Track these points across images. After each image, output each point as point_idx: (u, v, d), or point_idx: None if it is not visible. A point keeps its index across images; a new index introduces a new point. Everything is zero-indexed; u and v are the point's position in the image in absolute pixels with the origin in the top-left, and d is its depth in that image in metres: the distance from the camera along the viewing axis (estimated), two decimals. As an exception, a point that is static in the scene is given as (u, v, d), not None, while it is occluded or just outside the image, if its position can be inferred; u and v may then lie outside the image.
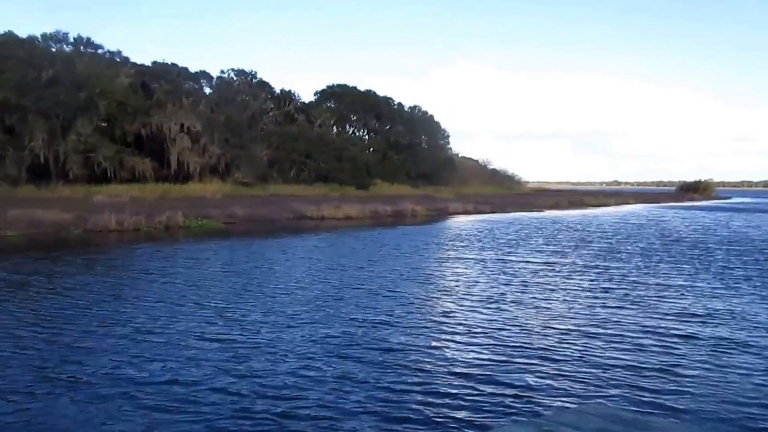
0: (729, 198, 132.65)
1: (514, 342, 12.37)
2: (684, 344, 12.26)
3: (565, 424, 4.19)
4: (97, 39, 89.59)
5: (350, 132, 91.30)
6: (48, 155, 58.88)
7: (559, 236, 36.28)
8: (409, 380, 10.09)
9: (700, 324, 13.95)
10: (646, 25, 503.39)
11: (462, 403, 9.19)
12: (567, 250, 28.60)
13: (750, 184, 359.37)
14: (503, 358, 11.29)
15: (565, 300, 16.67)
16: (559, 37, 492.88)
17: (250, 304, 15.60)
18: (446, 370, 10.65)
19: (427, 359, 11.21)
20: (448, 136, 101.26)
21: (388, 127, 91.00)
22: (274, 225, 43.71)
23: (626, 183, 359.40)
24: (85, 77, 60.02)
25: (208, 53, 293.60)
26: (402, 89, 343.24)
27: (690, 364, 10.96)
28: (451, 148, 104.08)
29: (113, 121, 63.02)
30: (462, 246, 30.30)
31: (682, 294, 17.64)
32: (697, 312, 15.18)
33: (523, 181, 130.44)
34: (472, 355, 11.53)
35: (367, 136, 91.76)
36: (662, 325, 13.75)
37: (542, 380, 10.13)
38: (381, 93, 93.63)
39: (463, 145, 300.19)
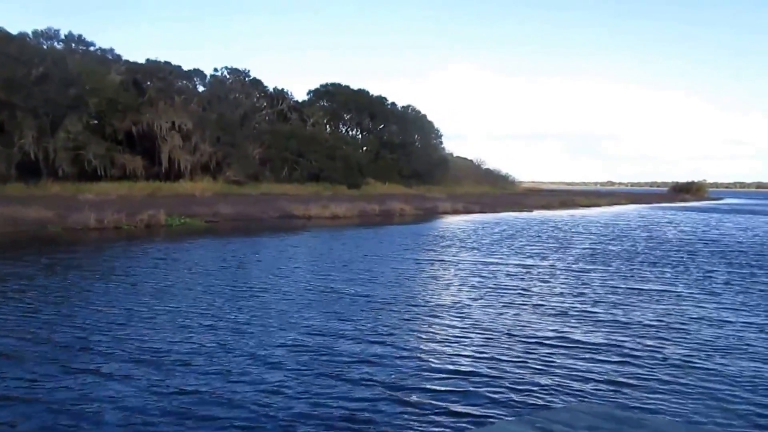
0: (720, 199, 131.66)
1: (474, 350, 11.41)
2: (655, 352, 11.32)
3: (558, 422, 4.06)
4: (89, 37, 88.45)
5: (344, 131, 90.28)
6: (38, 153, 57.97)
7: (544, 237, 35.31)
8: (364, 393, 9.12)
9: (669, 331, 13.00)
10: (641, 29, 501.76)
11: (427, 411, 8.24)
12: (548, 252, 27.62)
13: (743, 185, 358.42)
14: (461, 368, 10.34)
15: (535, 305, 15.69)
16: (555, 41, 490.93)
17: (199, 310, 14.61)
18: (398, 381, 9.69)
19: (380, 369, 10.24)
20: (441, 136, 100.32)
21: (381, 127, 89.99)
22: (259, 224, 42.74)
23: (620, 184, 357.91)
24: (75, 74, 59.01)
25: (206, 54, 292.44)
26: (398, 91, 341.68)
27: (666, 370, 10.02)
28: (444, 148, 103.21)
29: (104, 118, 62.08)
30: (442, 247, 29.32)
31: (658, 300, 16.67)
32: (670, 319, 14.22)
33: (517, 182, 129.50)
34: (429, 364, 10.57)
35: (360, 136, 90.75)
36: (632, 332, 12.81)
37: (503, 387, 9.18)
38: (388, 96, 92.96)
39: (458, 145, 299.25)
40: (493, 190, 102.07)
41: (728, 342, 12.41)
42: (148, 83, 71.73)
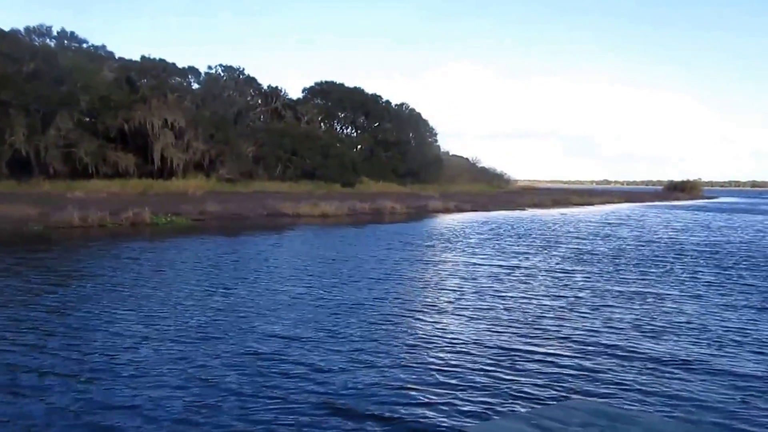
0: (715, 198, 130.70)
1: (451, 355, 10.59)
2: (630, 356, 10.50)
3: (551, 419, 4.04)
4: (83, 34, 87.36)
5: (339, 129, 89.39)
6: (29, 150, 57.12)
7: (531, 237, 34.45)
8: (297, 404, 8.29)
9: (645, 338, 12.16)
10: (636, 30, 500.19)
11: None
12: (531, 252, 26.77)
13: (738, 183, 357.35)
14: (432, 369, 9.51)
15: (510, 308, 14.86)
16: (552, 40, 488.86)
17: (152, 312, 13.79)
18: (334, 399, 8.86)
19: (316, 384, 9.41)
20: (436, 134, 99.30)
21: (376, 125, 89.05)
22: (246, 222, 41.92)
23: (617, 182, 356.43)
24: (66, 71, 58.11)
25: (202, 52, 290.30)
26: (395, 89, 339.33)
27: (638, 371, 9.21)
28: (439, 146, 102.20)
29: (96, 116, 61.20)
30: (425, 247, 28.47)
31: (641, 303, 15.83)
32: (652, 323, 13.39)
33: (512, 180, 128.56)
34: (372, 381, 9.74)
35: (355, 134, 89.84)
36: (605, 339, 11.98)
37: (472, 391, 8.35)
38: (383, 94, 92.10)
39: (455, 143, 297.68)
40: (488, 189, 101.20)
41: (706, 344, 11.59)
42: (143, 80, 70.91)
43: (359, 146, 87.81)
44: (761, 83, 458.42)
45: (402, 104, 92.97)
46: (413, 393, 9.20)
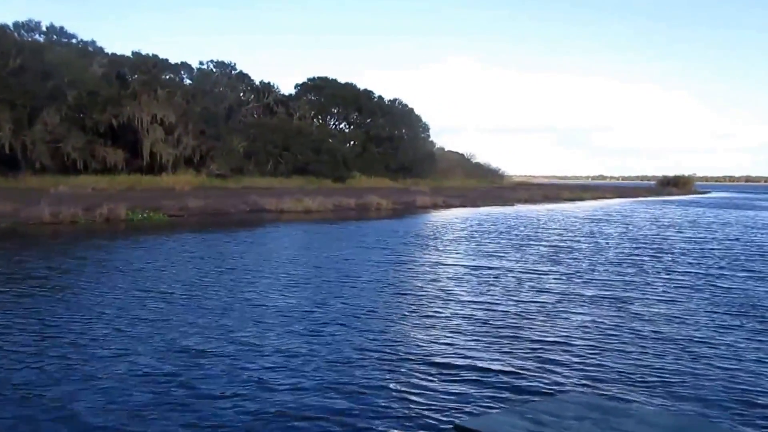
0: (707, 192, 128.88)
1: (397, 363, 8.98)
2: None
3: (546, 413, 4.23)
4: (74, 29, 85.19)
5: (332, 125, 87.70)
6: (15, 145, 55.57)
7: (512, 234, 32.78)
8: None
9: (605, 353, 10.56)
10: (630, 25, 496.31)
11: None
12: (508, 251, 25.11)
13: (732, 179, 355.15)
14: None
15: (463, 314, 13.23)
16: (547, 35, 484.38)
17: (57, 322, 12.18)
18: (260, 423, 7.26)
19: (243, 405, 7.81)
20: (428, 130, 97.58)
21: (368, 121, 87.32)
22: (226, 218, 40.39)
23: (611, 177, 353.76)
24: (54, 66, 56.48)
25: (195, 47, 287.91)
26: (391, 84, 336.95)
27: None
28: (432, 142, 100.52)
29: (84, 111, 59.61)
30: (399, 244, 26.83)
31: (606, 307, 14.21)
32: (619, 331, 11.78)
33: (506, 175, 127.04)
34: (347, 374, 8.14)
35: (347, 129, 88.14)
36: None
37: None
38: (374, 89, 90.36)
39: (451, 139, 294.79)
40: (482, 184, 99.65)
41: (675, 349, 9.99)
42: (135, 76, 69.24)
43: (352, 142, 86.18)
44: (756, 79, 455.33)
45: (395, 100, 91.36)
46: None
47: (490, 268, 20.20)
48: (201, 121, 67.80)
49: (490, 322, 12.82)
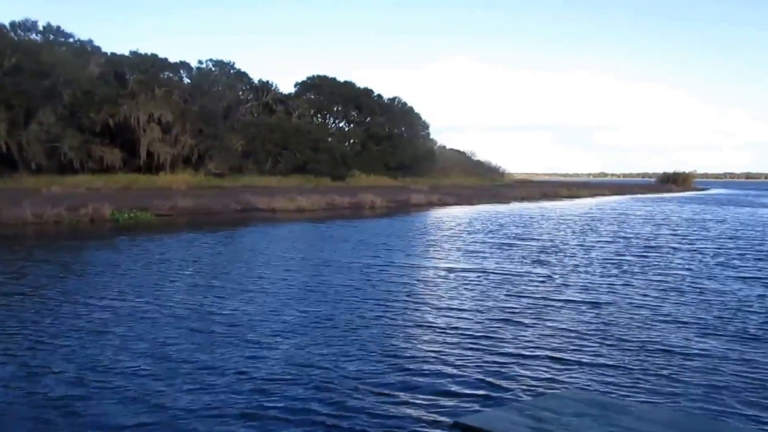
0: (706, 189, 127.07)
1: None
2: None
3: (546, 409, 4.23)
4: (74, 29, 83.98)
5: (331, 123, 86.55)
6: (11, 145, 54.61)
7: (500, 233, 31.51)
8: None
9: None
10: (630, 23, 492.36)
11: None
12: (491, 252, 23.86)
13: (732, 175, 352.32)
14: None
15: (422, 322, 12.03)
16: (547, 34, 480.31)
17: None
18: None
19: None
20: (428, 128, 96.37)
21: (367, 119, 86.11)
22: (216, 218, 39.24)
23: (613, 175, 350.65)
24: (49, 66, 55.44)
25: (197, 46, 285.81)
26: (392, 83, 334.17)
27: None
28: (432, 140, 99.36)
29: (80, 110, 58.55)
30: (379, 244, 25.62)
31: (578, 312, 12.98)
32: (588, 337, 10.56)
33: (507, 173, 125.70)
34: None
35: (347, 128, 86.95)
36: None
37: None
38: (376, 88, 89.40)
39: (453, 137, 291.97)
40: (481, 182, 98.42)
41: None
42: (134, 75, 68.12)
43: (352, 140, 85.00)
44: (755, 76, 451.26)
45: (394, 98, 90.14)
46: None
47: (466, 270, 18.96)
48: (199, 120, 66.73)
49: (454, 327, 11.61)
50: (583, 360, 9.96)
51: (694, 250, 24.57)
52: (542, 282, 17.06)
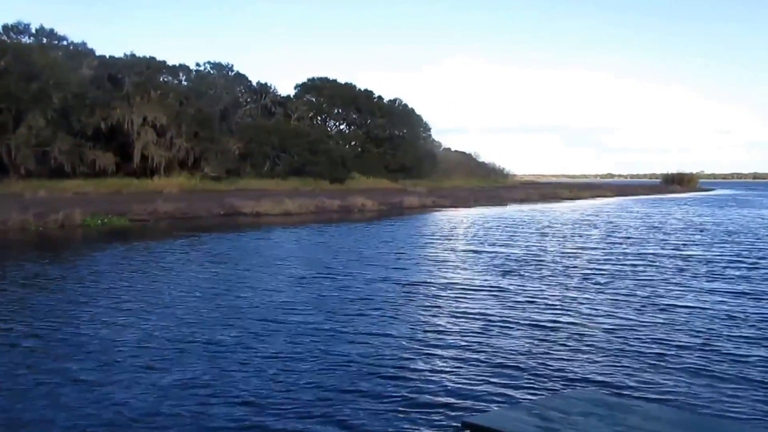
0: (711, 190, 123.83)
1: None
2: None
3: (553, 409, 4.15)
4: (65, 31, 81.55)
5: (332, 125, 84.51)
6: (0, 149, 52.94)
7: (480, 239, 29.27)
8: None
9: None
10: (634, 23, 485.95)
11: None
12: (460, 260, 21.66)
13: (740, 175, 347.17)
14: None
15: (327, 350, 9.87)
16: (552, 35, 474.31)
17: None
18: None
19: None
20: (429, 129, 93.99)
21: (367, 121, 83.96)
22: (196, 223, 37.20)
23: (620, 176, 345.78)
24: (39, 69, 53.64)
25: (199, 49, 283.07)
26: (396, 85, 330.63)
27: None
28: (434, 141, 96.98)
29: (71, 113, 56.73)
30: (341, 253, 23.46)
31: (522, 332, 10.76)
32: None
33: (511, 174, 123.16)
34: None
35: (347, 130, 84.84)
36: None
37: None
38: (380, 91, 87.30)
39: (458, 139, 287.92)
40: (484, 184, 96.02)
41: None
42: (129, 77, 66.23)
43: (352, 142, 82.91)
44: (760, 73, 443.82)
45: (395, 100, 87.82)
46: None
47: (418, 283, 16.74)
48: (195, 122, 64.76)
49: (381, 352, 9.43)
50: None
51: (676, 257, 22.19)
52: (498, 297, 14.82)
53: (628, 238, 29.90)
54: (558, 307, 13.91)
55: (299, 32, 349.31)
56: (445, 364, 9.70)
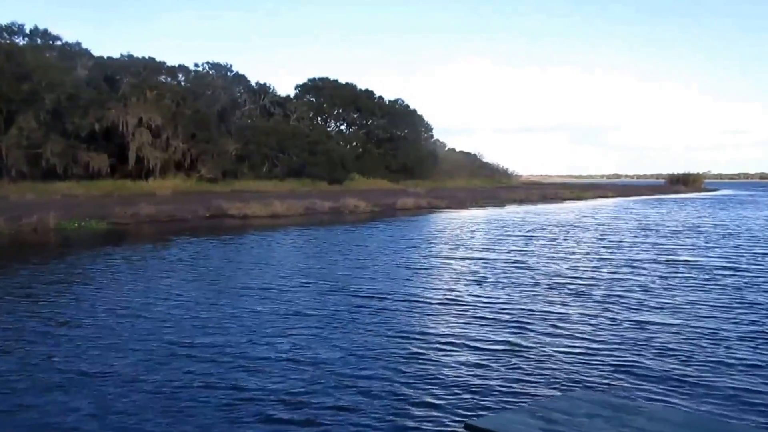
0: (716, 190, 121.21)
1: None
2: None
3: (557, 410, 4.10)
4: (55, 31, 79.29)
5: (333, 125, 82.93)
6: (-11, 151, 51.67)
7: (468, 242, 27.60)
8: None
9: None
10: (643, 22, 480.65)
11: None
12: (440, 269, 20.01)
13: (747, 175, 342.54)
14: None
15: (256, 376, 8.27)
16: (560, 35, 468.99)
17: None
18: None
19: None
20: (431, 130, 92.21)
21: (369, 122, 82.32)
22: (178, 225, 35.68)
23: (626, 175, 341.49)
24: (30, 69, 52.29)
25: (201, 50, 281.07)
26: (402, 86, 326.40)
27: None
28: (435, 142, 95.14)
29: (64, 115, 55.40)
30: (312, 260, 21.88)
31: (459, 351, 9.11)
32: None
33: (515, 175, 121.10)
34: None
35: (348, 130, 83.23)
36: None
37: None
38: (386, 92, 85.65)
39: (467, 140, 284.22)
40: (486, 184, 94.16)
41: None
42: (126, 78, 64.84)
43: (353, 143, 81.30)
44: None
45: (396, 100, 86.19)
46: None
47: (369, 296, 15.10)
48: (191, 123, 63.32)
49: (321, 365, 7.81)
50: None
51: (662, 263, 20.41)
52: (452, 311, 13.16)
53: (619, 242, 28.13)
54: (513, 324, 12.21)
55: (304, 33, 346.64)
56: (360, 399, 8.05)
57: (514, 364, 9.67)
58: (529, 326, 12.07)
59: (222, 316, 12.84)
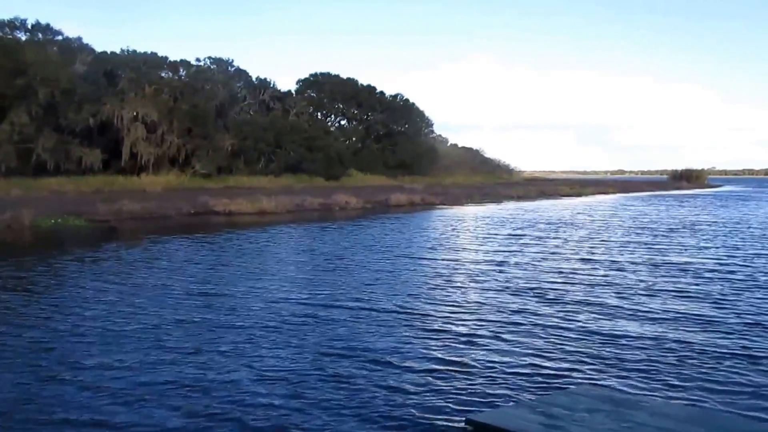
0: (719, 186, 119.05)
1: None
2: None
3: (558, 406, 4.16)
4: (57, 26, 77.77)
5: (333, 121, 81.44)
6: (-19, 146, 50.42)
7: (442, 243, 26.15)
8: None
9: None
10: (646, 21, 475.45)
11: None
12: (408, 272, 18.56)
13: (752, 172, 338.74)
14: None
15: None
16: (565, 34, 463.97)
17: None
18: None
19: None
20: (431, 125, 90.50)
21: (368, 117, 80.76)
22: (162, 223, 34.49)
23: (631, 172, 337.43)
24: (26, 64, 51.00)
25: (204, 47, 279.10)
26: (409, 83, 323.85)
27: None
28: (436, 137, 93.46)
29: (59, 109, 54.14)
30: (279, 265, 20.49)
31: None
32: None
33: (516, 171, 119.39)
34: None
35: (348, 126, 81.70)
36: None
37: None
38: (388, 89, 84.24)
39: (471, 137, 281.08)
40: (486, 180, 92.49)
41: None
42: (125, 73, 63.42)
43: (352, 138, 79.79)
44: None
45: (396, 95, 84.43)
46: None
47: (318, 305, 13.68)
48: (188, 118, 61.92)
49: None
50: None
51: (649, 263, 18.88)
52: (405, 320, 11.71)
53: (607, 241, 26.61)
54: (463, 340, 10.75)
55: (309, 32, 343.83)
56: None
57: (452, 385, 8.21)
58: (476, 340, 10.59)
59: (138, 329, 11.38)
